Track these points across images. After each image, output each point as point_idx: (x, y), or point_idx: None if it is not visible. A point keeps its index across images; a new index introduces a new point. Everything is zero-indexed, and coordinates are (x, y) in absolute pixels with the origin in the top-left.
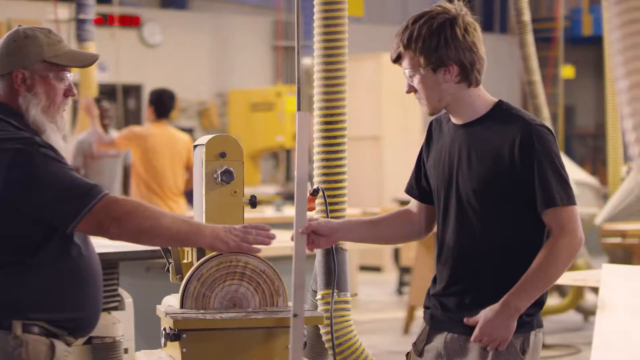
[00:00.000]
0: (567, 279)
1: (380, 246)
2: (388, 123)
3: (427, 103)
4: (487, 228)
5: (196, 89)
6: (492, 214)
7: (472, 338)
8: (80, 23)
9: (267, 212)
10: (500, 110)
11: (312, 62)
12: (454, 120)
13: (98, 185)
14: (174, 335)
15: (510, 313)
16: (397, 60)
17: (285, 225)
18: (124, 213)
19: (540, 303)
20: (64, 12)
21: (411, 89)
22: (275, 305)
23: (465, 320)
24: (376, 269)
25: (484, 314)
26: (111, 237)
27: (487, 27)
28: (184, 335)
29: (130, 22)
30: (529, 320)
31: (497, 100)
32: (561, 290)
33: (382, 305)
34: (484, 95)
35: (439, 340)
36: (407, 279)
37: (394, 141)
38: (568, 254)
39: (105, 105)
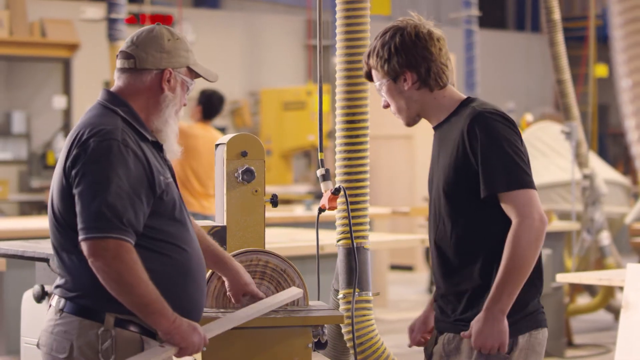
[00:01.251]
0: (591, 278)
1: (412, 245)
2: (420, 122)
3: (399, 113)
4: (456, 224)
5: (229, 88)
6: (459, 210)
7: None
8: (111, 22)
9: (296, 211)
10: (463, 106)
11: None
12: (430, 124)
13: (123, 224)
14: None
15: (495, 317)
16: (369, 78)
17: (314, 224)
18: (114, 253)
19: (523, 305)
20: (96, 11)
21: (386, 104)
22: (296, 305)
23: (462, 334)
24: (408, 268)
25: (474, 326)
26: (92, 266)
27: (519, 26)
28: None
29: (163, 21)
30: (511, 323)
31: (465, 97)
32: (591, 289)
33: (412, 304)
34: (452, 95)
35: (441, 342)
36: None
37: (426, 140)
38: (529, 239)
39: None
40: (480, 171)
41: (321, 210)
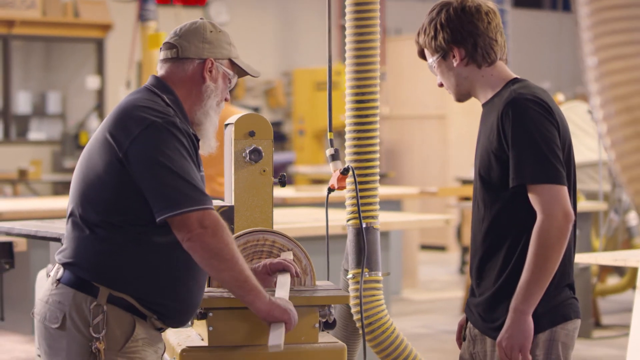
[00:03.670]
0: (606, 258)
1: (436, 225)
2: (453, 102)
3: (449, 90)
4: (488, 209)
5: (262, 69)
6: (492, 195)
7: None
8: (143, 3)
9: (325, 191)
10: (507, 87)
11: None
12: (479, 101)
13: (207, 194)
14: (201, 314)
15: (518, 317)
16: (422, 57)
17: (344, 204)
18: (214, 227)
19: (546, 299)
20: None
21: (441, 83)
22: (303, 285)
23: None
24: (440, 248)
25: (502, 329)
26: (188, 244)
27: (553, 5)
28: (211, 314)
29: (196, 1)
30: (533, 319)
31: (513, 77)
32: (620, 270)
33: (443, 284)
34: (500, 73)
35: (468, 326)
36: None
37: (459, 120)
38: (551, 239)
39: None
40: (510, 160)
41: (330, 190)
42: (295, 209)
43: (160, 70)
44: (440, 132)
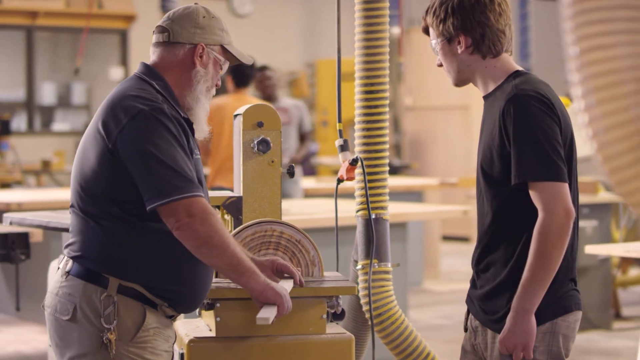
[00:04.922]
0: (619, 250)
1: (462, 215)
2: (477, 92)
3: (449, 74)
4: (491, 203)
5: (286, 59)
6: (495, 190)
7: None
8: None
9: (345, 182)
10: (509, 80)
11: (399, 31)
12: (480, 92)
13: (195, 182)
14: (208, 305)
15: (520, 316)
16: (427, 33)
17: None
18: (202, 215)
19: (548, 295)
20: None
21: (440, 63)
22: (311, 275)
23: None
24: (464, 239)
25: (504, 327)
26: (178, 233)
27: None
28: (218, 305)
29: None
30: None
31: (515, 69)
32: None
33: (465, 275)
34: (504, 65)
35: (470, 317)
36: None
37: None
38: (554, 236)
39: (268, 73)
40: (511, 157)
41: (339, 180)
42: (314, 199)
43: (152, 55)
44: (463, 123)
